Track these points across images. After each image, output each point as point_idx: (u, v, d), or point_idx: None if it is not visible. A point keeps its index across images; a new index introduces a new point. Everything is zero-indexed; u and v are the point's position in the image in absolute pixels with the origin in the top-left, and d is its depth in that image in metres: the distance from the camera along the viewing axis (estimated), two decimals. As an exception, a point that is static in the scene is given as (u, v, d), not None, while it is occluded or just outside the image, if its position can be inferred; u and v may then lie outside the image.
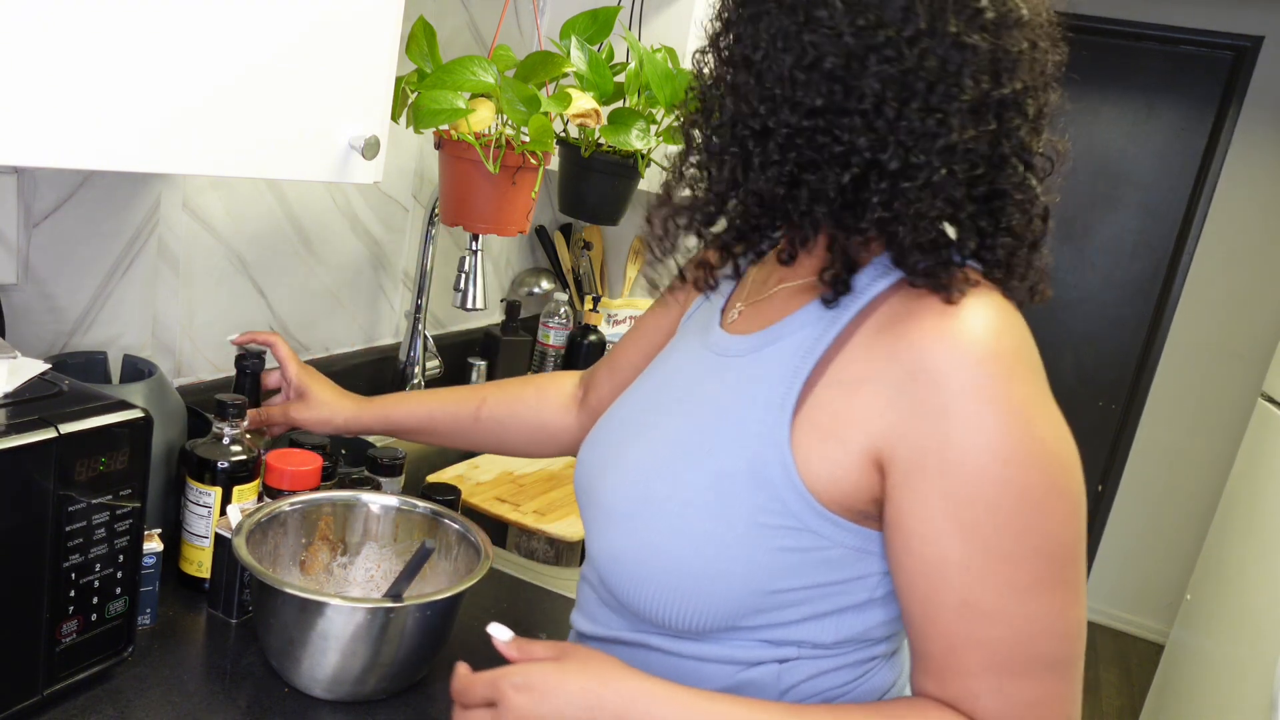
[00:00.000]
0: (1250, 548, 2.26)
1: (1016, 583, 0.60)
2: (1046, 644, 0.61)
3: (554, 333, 1.86)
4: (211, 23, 0.72)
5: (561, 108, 1.17)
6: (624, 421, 0.80)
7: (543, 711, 0.63)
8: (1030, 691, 0.61)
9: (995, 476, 0.60)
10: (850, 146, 0.62)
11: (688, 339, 0.82)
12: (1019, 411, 0.60)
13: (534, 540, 1.50)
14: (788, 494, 0.65)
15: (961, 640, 0.62)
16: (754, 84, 0.64)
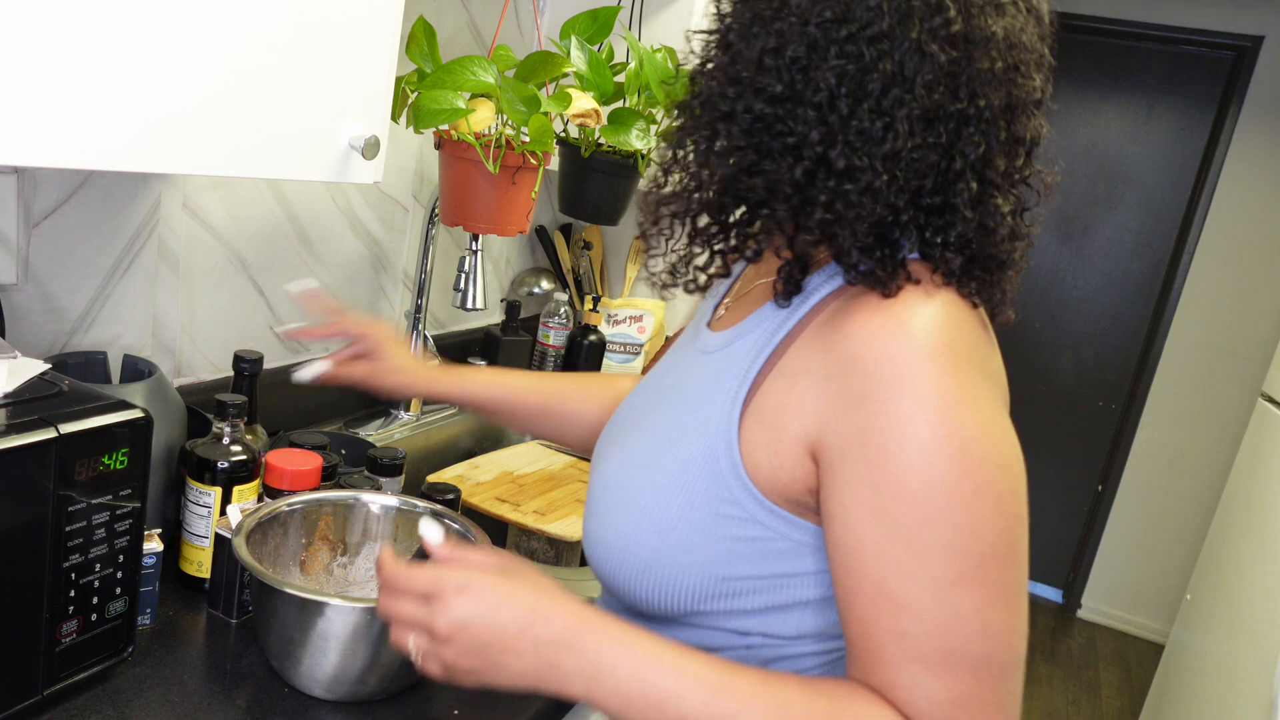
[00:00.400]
0: (1250, 548, 2.26)
1: (937, 578, 0.59)
2: (966, 642, 0.59)
3: (554, 333, 1.86)
4: (211, 22, 0.72)
5: (561, 108, 1.17)
6: (622, 416, 0.83)
7: (482, 619, 0.62)
8: (948, 689, 0.59)
9: (917, 468, 0.59)
10: (803, 139, 0.63)
11: (685, 336, 0.84)
12: (946, 405, 0.59)
13: (534, 540, 1.50)
14: (734, 485, 0.67)
15: (879, 629, 0.61)
16: (728, 65, 0.65)
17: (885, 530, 0.60)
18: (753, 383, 0.68)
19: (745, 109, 0.64)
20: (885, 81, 0.61)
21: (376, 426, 1.52)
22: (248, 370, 1.06)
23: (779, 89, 0.63)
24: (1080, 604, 3.82)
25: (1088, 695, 3.24)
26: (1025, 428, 2.85)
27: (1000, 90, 0.63)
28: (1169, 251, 3.59)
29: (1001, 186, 0.65)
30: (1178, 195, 3.56)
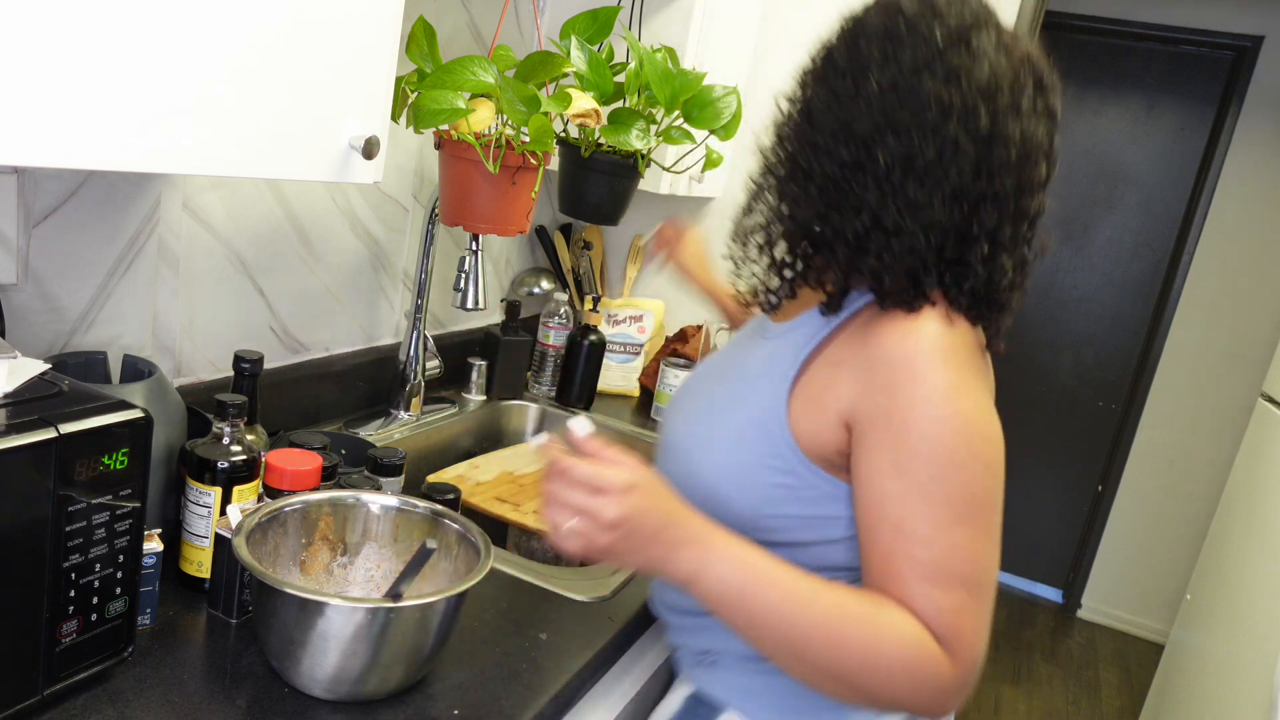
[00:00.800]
0: (1250, 548, 2.26)
1: (940, 518, 0.78)
2: (962, 566, 0.78)
3: (554, 333, 1.86)
4: (211, 22, 0.72)
5: (561, 108, 1.17)
6: (695, 382, 1.04)
7: (639, 516, 0.76)
8: (950, 601, 0.78)
9: (929, 437, 0.78)
10: (863, 200, 0.82)
11: (752, 324, 1.04)
12: (951, 392, 0.79)
13: (534, 540, 1.50)
14: (781, 444, 0.86)
15: (898, 557, 0.79)
16: (809, 131, 0.84)
17: (903, 483, 0.79)
18: (800, 367, 0.87)
19: (820, 169, 0.83)
20: (928, 163, 0.79)
21: (376, 426, 1.52)
22: (248, 370, 1.06)
23: (846, 157, 0.81)
24: (1080, 604, 3.82)
25: (1088, 695, 3.24)
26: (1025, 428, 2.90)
27: (1012, 175, 0.81)
28: (1169, 251, 3.59)
29: (1008, 249, 0.84)
30: (1178, 195, 3.56)
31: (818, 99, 0.84)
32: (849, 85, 0.81)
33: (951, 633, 0.77)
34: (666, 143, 1.31)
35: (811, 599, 0.78)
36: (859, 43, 0.83)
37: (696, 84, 1.29)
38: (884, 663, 0.77)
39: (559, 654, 0.99)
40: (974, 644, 0.78)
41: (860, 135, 0.80)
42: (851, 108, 0.81)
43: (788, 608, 0.77)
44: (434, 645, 0.88)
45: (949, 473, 0.78)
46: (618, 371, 2.00)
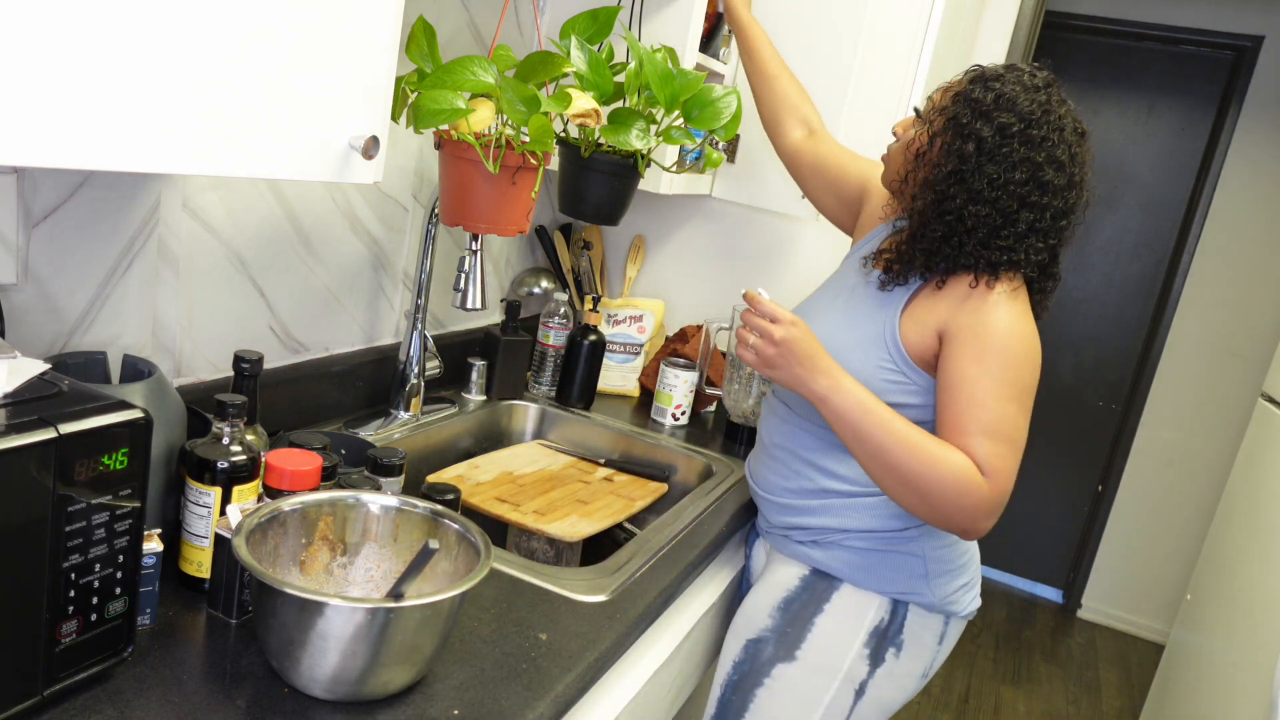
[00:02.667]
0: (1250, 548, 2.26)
1: (1001, 394, 1.15)
2: (1008, 429, 1.15)
3: (554, 333, 1.86)
4: (211, 22, 0.72)
5: (561, 108, 1.17)
6: (812, 301, 1.40)
7: (797, 342, 1.18)
8: (996, 449, 1.14)
9: (999, 338, 1.16)
10: (995, 225, 1.18)
11: (853, 270, 1.37)
12: (1015, 317, 1.18)
13: (534, 540, 1.50)
14: (893, 350, 1.23)
15: (966, 418, 1.15)
16: (963, 174, 1.17)
17: (979, 369, 1.15)
18: (908, 300, 1.24)
19: (968, 201, 1.18)
20: (1042, 205, 1.18)
21: (376, 426, 1.52)
22: (248, 370, 1.06)
23: (984, 192, 1.17)
24: (1080, 604, 3.82)
25: (1088, 695, 3.24)
26: (1025, 428, 2.67)
27: (1078, 210, 1.21)
28: (1169, 251, 3.59)
29: (1059, 254, 1.24)
30: (1178, 195, 3.56)
31: (973, 151, 1.16)
32: (997, 145, 1.16)
33: (992, 469, 1.13)
34: (666, 143, 1.31)
35: (900, 431, 1.16)
36: (1001, 116, 1.16)
37: (696, 84, 1.29)
38: (941, 476, 1.13)
39: (559, 654, 0.99)
40: (1006, 481, 1.14)
41: (1005, 183, 1.16)
42: (998, 161, 1.16)
43: (882, 433, 1.16)
44: (434, 645, 0.88)
45: (1011, 365, 1.15)
46: (617, 371, 2.00)
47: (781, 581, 1.34)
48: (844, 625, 1.29)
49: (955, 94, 1.20)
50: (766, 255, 2.02)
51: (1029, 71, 1.19)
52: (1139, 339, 3.67)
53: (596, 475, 1.64)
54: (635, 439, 1.76)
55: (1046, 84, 1.18)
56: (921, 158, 1.21)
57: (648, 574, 1.21)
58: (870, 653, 1.29)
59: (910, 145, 1.24)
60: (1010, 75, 1.18)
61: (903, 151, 1.26)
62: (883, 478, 1.18)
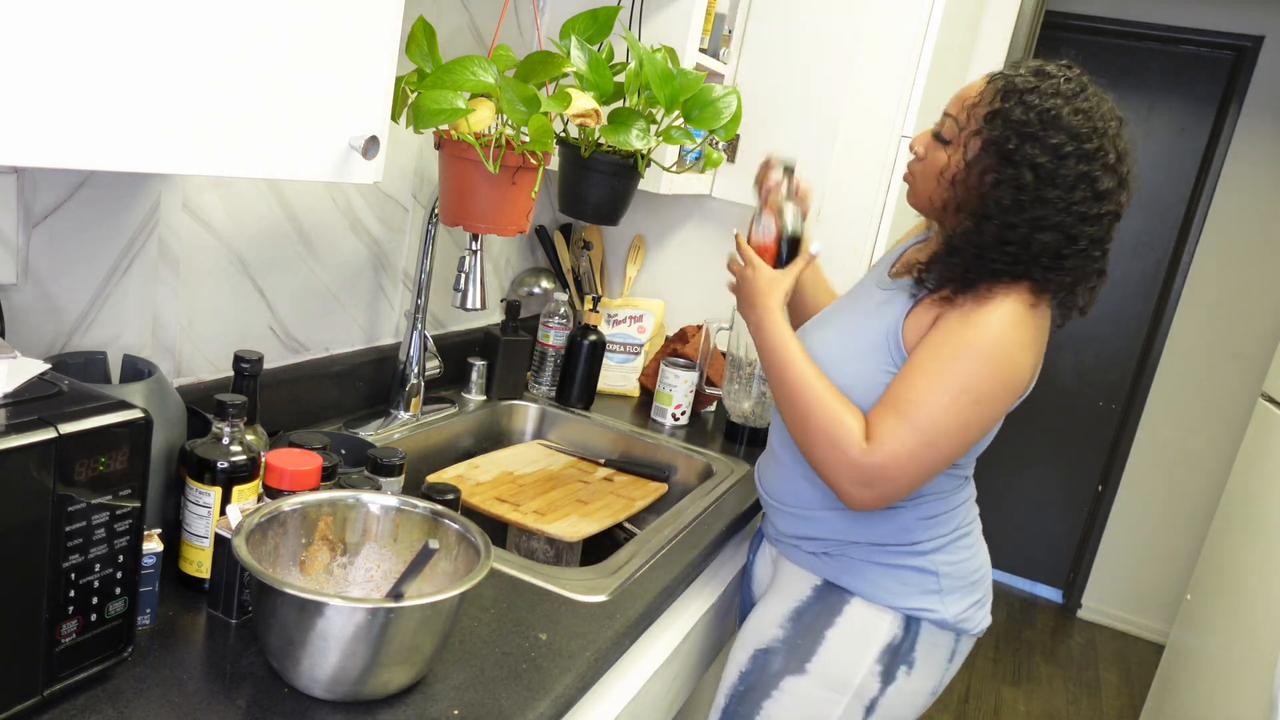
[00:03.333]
0: (1250, 548, 2.26)
1: (935, 384, 1.11)
2: (921, 416, 1.11)
3: (554, 333, 1.86)
4: (211, 22, 0.72)
5: (561, 108, 1.17)
6: (827, 314, 1.36)
7: (758, 279, 1.28)
8: (894, 426, 1.11)
9: (964, 339, 1.11)
10: (1059, 248, 1.13)
11: (869, 280, 1.36)
12: (1009, 328, 1.12)
13: (534, 540, 1.50)
14: (895, 353, 1.18)
15: (891, 392, 1.14)
16: (1030, 204, 1.11)
17: (930, 354, 1.12)
18: (911, 307, 1.19)
19: (1033, 230, 1.11)
20: (1094, 207, 1.14)
21: (376, 426, 1.52)
22: (248, 370, 1.06)
23: (1048, 218, 1.11)
24: (1080, 604, 3.82)
25: (1088, 695, 3.24)
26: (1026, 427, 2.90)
27: (1124, 192, 1.19)
28: (1169, 251, 3.59)
29: (1108, 250, 1.20)
30: (1178, 195, 3.56)
31: (1031, 182, 1.10)
32: (1064, 167, 1.10)
33: (877, 440, 1.12)
34: (666, 143, 1.31)
35: (808, 374, 1.19)
36: (1052, 137, 1.10)
37: (696, 84, 1.29)
38: (823, 421, 1.15)
39: (559, 654, 0.99)
40: (891, 458, 1.11)
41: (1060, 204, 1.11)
42: (1066, 181, 1.11)
43: (793, 372, 1.19)
44: (434, 645, 0.88)
45: (967, 362, 1.10)
46: (617, 371, 2.00)
47: (793, 591, 1.30)
48: (856, 640, 1.25)
49: (990, 113, 1.12)
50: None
51: (1061, 76, 1.12)
52: (1139, 339, 3.67)
53: (596, 475, 1.64)
54: (635, 439, 1.76)
55: (1083, 87, 1.12)
56: (959, 183, 1.15)
57: (648, 574, 1.21)
58: (882, 670, 1.24)
59: (944, 171, 1.17)
60: (1045, 85, 1.11)
61: (934, 176, 1.19)
62: (785, 415, 1.22)
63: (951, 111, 1.18)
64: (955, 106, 1.18)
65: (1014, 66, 1.17)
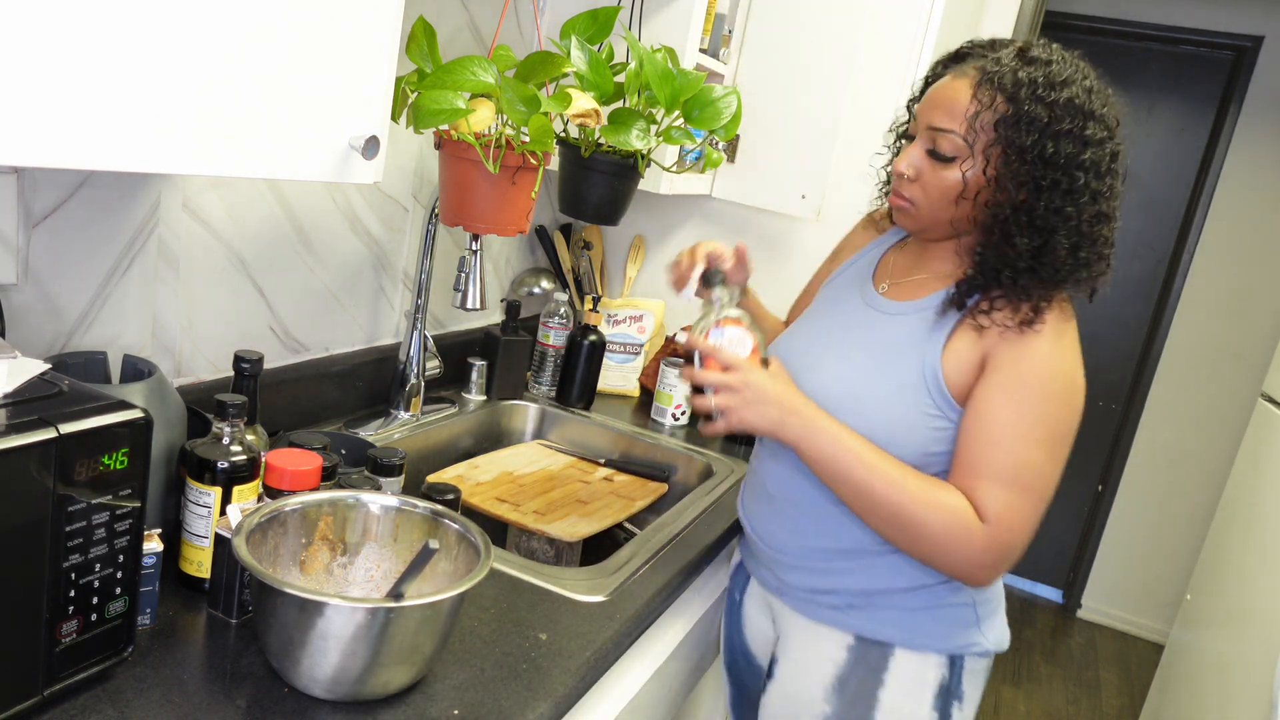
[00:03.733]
0: (1250, 548, 2.26)
1: (1027, 437, 1.03)
2: (1030, 477, 1.03)
3: (554, 333, 1.86)
4: (211, 22, 0.72)
5: (561, 108, 1.17)
6: (810, 345, 1.20)
7: (761, 384, 1.08)
8: (1006, 496, 1.03)
9: (1042, 376, 1.04)
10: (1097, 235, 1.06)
11: (848, 296, 1.23)
12: (1062, 353, 1.05)
13: (534, 540, 1.50)
14: (936, 395, 1.08)
15: (982, 458, 1.04)
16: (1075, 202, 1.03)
17: (1009, 405, 1.04)
18: (949, 333, 1.09)
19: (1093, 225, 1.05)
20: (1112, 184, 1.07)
21: (376, 426, 1.52)
22: (248, 370, 1.06)
23: (1106, 209, 1.06)
24: (1080, 604, 3.82)
25: (1088, 695, 3.24)
26: (1025, 428, 2.64)
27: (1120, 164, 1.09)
28: (1169, 251, 3.59)
29: None
30: (1178, 195, 3.56)
31: (1083, 176, 1.03)
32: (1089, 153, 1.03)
33: (997, 519, 1.02)
34: (666, 143, 1.31)
35: (886, 471, 1.05)
36: (1087, 127, 1.03)
37: (696, 84, 1.29)
38: (930, 520, 1.03)
39: (559, 654, 0.99)
40: (1012, 531, 1.03)
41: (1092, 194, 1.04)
42: (1095, 180, 1.04)
43: (866, 472, 1.05)
44: (434, 645, 0.88)
45: (1049, 408, 1.03)
46: (617, 371, 2.00)
47: (824, 654, 1.18)
48: (909, 693, 1.16)
49: (1004, 119, 1.02)
50: (766, 255, 2.02)
51: (1045, 57, 1.04)
52: (1139, 339, 3.67)
53: (596, 475, 1.64)
54: (635, 439, 1.76)
55: (1062, 58, 1.04)
56: (989, 203, 1.05)
57: (647, 574, 1.21)
58: (939, 714, 1.16)
59: (964, 192, 1.06)
60: (1045, 74, 1.02)
61: (947, 199, 1.08)
62: (872, 520, 1.08)
63: (942, 124, 1.06)
64: (944, 117, 1.06)
65: (987, 58, 1.06)
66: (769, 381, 1.08)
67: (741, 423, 1.08)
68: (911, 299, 1.15)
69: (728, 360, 1.09)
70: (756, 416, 1.08)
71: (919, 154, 1.09)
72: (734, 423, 1.09)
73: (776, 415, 1.07)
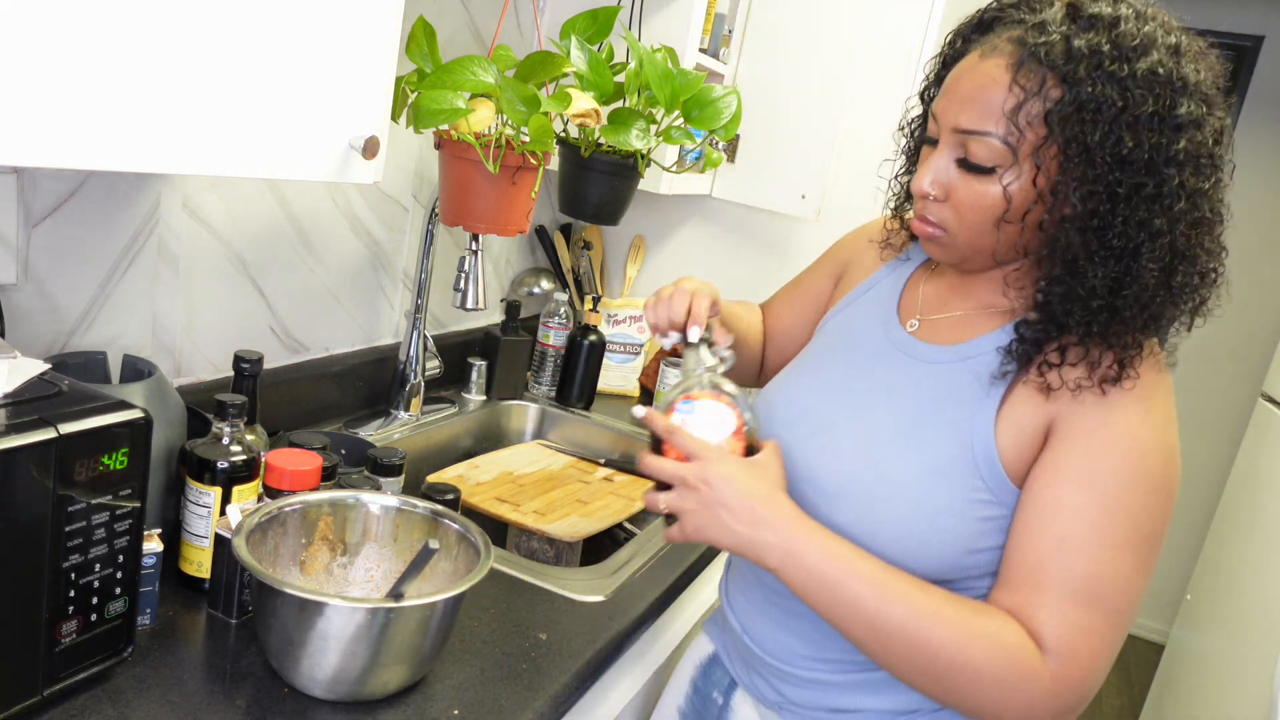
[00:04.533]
0: (1250, 548, 2.26)
1: (1114, 539, 0.75)
2: (1114, 593, 0.75)
3: (554, 333, 1.86)
4: (211, 22, 0.72)
5: (561, 108, 1.17)
6: (825, 402, 0.93)
7: (728, 484, 0.80)
8: (1085, 621, 0.75)
9: (1130, 455, 0.76)
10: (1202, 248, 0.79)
11: (870, 335, 0.96)
12: (1165, 426, 0.78)
13: (534, 540, 1.50)
14: (988, 475, 0.81)
15: (1052, 566, 0.76)
16: (1162, 206, 0.76)
17: (1088, 496, 0.76)
18: (1005, 393, 0.83)
19: (1190, 243, 0.78)
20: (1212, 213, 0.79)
21: (376, 426, 1.52)
22: (248, 370, 1.06)
23: (1209, 216, 0.79)
24: (1080, 604, 3.82)
25: (1088, 695, 3.24)
26: (1025, 428, 2.66)
27: None
28: (1169, 251, 3.59)
29: None
30: (1178, 195, 3.56)
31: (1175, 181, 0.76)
32: (1186, 135, 0.75)
33: (1068, 650, 0.74)
34: (666, 143, 1.31)
35: (901, 596, 0.77)
36: (1175, 100, 0.75)
37: (696, 84, 1.29)
38: (971, 662, 0.75)
39: (559, 654, 0.99)
40: (1089, 669, 0.75)
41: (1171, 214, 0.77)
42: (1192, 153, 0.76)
43: (874, 602, 0.77)
44: (434, 645, 0.88)
45: (1138, 498, 0.76)
46: (617, 371, 2.00)
47: None
48: None
49: (1056, 109, 0.75)
50: (766, 255, 2.02)
51: (1103, 19, 0.76)
52: (1139, 339, 3.67)
53: (596, 475, 1.64)
54: (635, 439, 1.76)
55: (1152, 25, 0.77)
56: (1048, 223, 0.79)
57: (647, 574, 1.21)
58: None
59: (1012, 213, 0.79)
60: (1098, 39, 0.74)
61: (988, 221, 0.81)
62: (894, 664, 0.79)
63: (973, 125, 0.78)
64: (974, 115, 0.78)
65: (1027, 25, 0.78)
66: (742, 478, 0.81)
67: (698, 533, 0.81)
68: (953, 342, 0.89)
69: (689, 448, 0.83)
70: (717, 528, 0.80)
71: (946, 165, 0.82)
72: (689, 532, 0.82)
73: (745, 530, 0.79)
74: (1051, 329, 0.80)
